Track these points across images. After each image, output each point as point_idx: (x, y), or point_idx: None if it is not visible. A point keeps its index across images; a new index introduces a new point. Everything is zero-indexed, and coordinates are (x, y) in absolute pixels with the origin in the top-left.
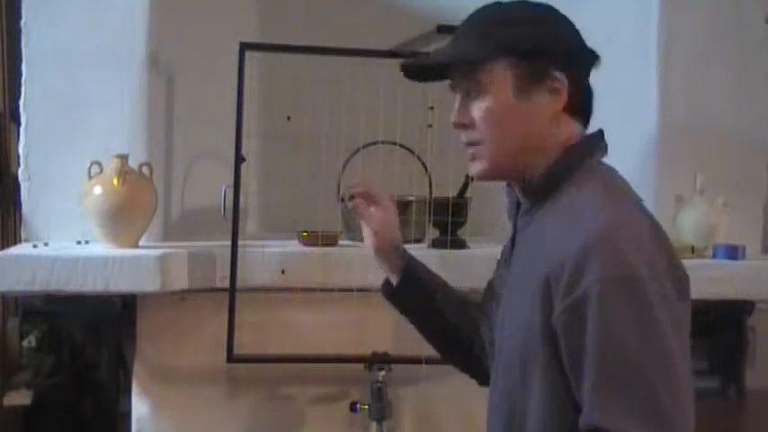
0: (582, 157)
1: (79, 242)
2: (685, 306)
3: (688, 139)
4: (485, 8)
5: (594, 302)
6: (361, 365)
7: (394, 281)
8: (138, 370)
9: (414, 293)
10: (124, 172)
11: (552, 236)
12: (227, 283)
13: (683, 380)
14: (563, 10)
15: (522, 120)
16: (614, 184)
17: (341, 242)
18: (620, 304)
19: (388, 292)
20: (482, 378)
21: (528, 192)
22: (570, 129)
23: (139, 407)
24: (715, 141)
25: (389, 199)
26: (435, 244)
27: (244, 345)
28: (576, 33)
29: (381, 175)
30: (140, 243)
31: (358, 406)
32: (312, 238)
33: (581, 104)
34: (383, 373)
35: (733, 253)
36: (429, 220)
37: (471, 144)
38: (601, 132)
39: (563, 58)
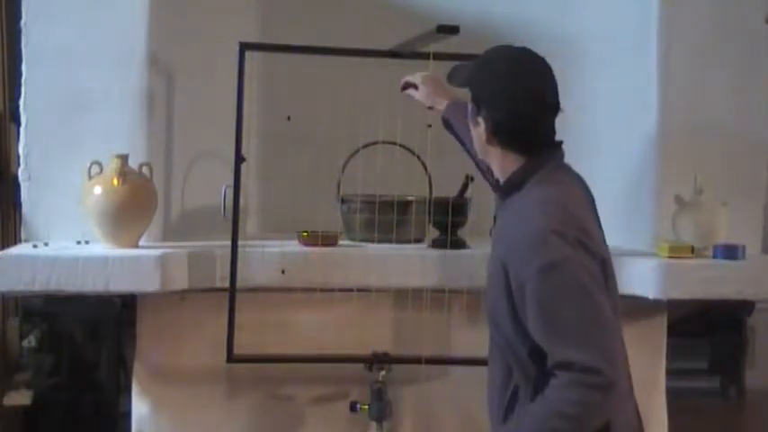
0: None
1: (79, 242)
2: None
3: (688, 139)
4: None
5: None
6: (361, 365)
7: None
8: (138, 370)
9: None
10: (124, 172)
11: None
12: (227, 283)
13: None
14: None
15: (476, 141)
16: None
17: (341, 242)
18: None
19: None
20: None
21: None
22: (505, 155)
23: (139, 407)
24: (715, 142)
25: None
26: (435, 244)
27: (244, 345)
28: (509, 85)
29: (381, 175)
30: (140, 243)
31: (358, 406)
32: (312, 238)
33: (506, 139)
34: (383, 373)
35: (733, 253)
36: (429, 221)
37: None
38: (537, 160)
39: (483, 105)
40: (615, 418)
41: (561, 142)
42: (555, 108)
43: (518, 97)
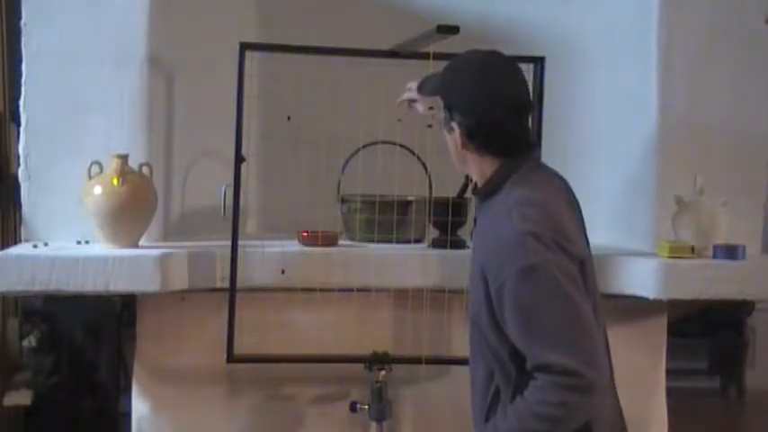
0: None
1: (79, 242)
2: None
3: (688, 140)
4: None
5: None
6: (361, 365)
7: None
8: (138, 370)
9: None
10: (124, 172)
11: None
12: (227, 283)
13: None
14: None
15: (452, 148)
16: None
17: (341, 242)
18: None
19: None
20: None
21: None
22: (481, 159)
23: (139, 407)
24: (715, 142)
25: None
26: (435, 244)
27: (244, 345)
28: (479, 88)
29: (381, 175)
30: (140, 243)
31: (358, 406)
32: (312, 238)
33: (481, 143)
34: (383, 373)
35: (733, 253)
36: (429, 220)
37: None
38: (513, 162)
39: (455, 111)
40: (596, 416)
41: (538, 142)
42: (527, 108)
43: (489, 100)
